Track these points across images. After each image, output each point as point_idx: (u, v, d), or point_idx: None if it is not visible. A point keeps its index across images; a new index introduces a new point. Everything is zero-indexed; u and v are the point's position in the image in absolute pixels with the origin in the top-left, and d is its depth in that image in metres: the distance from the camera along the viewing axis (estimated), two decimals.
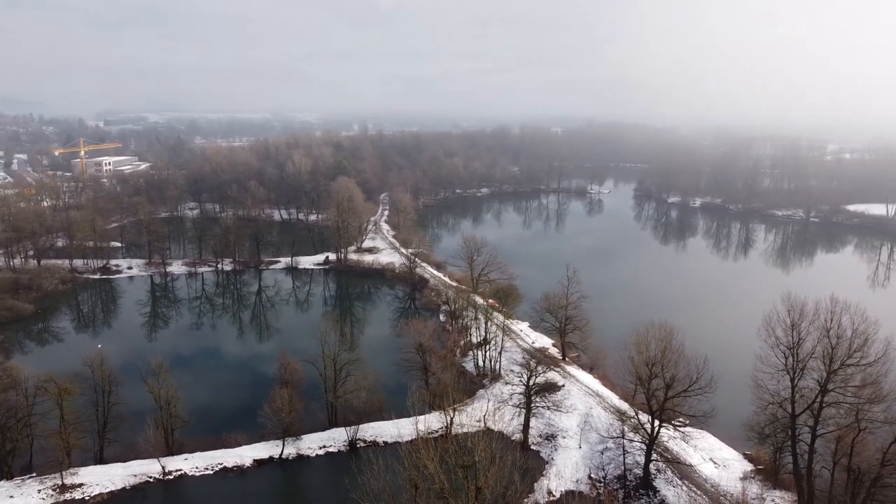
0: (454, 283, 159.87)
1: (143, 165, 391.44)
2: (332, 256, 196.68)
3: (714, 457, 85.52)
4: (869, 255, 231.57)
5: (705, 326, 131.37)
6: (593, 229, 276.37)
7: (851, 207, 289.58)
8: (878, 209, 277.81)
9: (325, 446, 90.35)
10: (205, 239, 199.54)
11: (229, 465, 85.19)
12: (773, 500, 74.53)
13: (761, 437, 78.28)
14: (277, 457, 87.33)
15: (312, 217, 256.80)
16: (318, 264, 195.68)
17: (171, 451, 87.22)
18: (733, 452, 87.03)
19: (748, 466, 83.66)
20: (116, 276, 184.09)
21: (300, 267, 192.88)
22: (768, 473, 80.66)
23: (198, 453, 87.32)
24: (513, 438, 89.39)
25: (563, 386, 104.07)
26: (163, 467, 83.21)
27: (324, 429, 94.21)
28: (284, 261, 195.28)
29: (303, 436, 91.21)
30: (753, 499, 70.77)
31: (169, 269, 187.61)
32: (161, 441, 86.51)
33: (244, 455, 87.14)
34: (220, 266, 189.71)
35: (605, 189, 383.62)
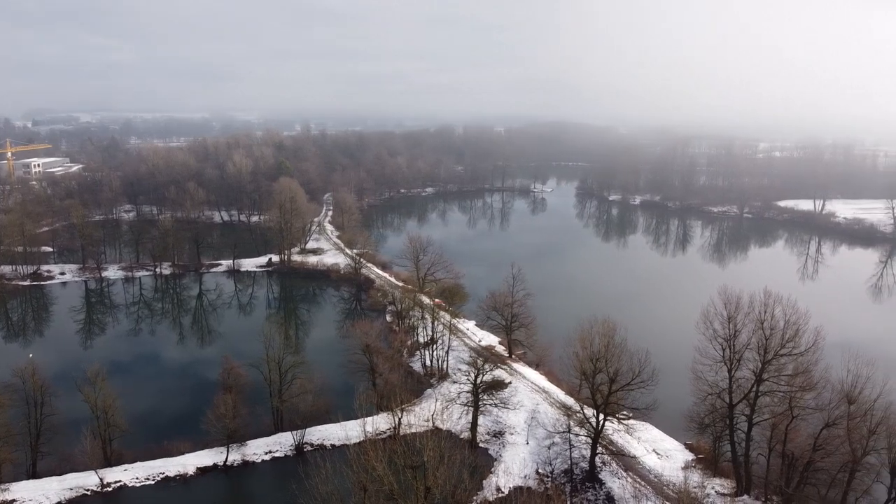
0: (400, 283, 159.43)
1: (76, 167, 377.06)
2: (276, 258, 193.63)
3: (657, 448, 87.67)
4: (799, 249, 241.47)
5: (647, 321, 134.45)
6: (537, 227, 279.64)
7: (782, 203, 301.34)
8: (806, 205, 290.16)
9: (270, 451, 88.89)
10: (142, 242, 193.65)
11: (171, 474, 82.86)
12: (713, 488, 76.82)
13: (701, 427, 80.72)
14: (222, 464, 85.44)
15: (254, 218, 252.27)
16: (261, 266, 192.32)
17: (110, 461, 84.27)
18: (675, 443, 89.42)
19: (689, 456, 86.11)
20: (48, 282, 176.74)
21: (242, 269, 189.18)
22: (708, 462, 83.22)
23: (138, 463, 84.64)
24: (461, 437, 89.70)
25: (510, 383, 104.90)
26: (101, 479, 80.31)
27: (269, 433, 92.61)
28: (226, 263, 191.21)
29: (248, 441, 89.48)
30: (695, 487, 72.80)
31: (104, 274, 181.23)
32: (98, 452, 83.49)
33: (187, 463, 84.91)
34: (158, 270, 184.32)
35: (548, 188, 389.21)
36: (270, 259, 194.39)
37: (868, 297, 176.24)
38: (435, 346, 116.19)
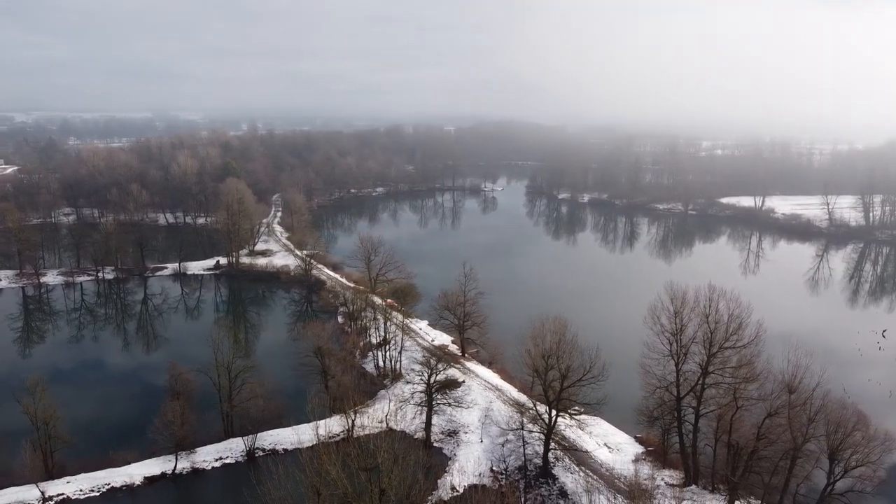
0: (352, 284, 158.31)
1: (10, 169, 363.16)
2: (223, 261, 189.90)
3: (608, 441, 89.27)
4: (741, 244, 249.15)
5: (597, 317, 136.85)
6: (488, 226, 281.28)
7: (724, 200, 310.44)
8: (747, 201, 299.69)
9: (221, 458, 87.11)
10: (83, 246, 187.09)
11: (117, 484, 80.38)
12: (662, 479, 78.63)
13: (650, 420, 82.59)
14: (170, 472, 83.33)
15: (201, 220, 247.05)
16: (209, 269, 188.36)
17: (52, 474, 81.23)
18: (626, 436, 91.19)
19: (639, 448, 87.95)
20: None
21: (189, 273, 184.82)
22: (658, 454, 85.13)
23: (82, 475, 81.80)
24: (415, 437, 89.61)
25: (464, 382, 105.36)
26: (42, 493, 77.37)
27: (219, 440, 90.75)
28: (172, 267, 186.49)
29: (197, 448, 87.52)
30: (645, 479, 74.25)
31: (43, 279, 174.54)
32: (39, 464, 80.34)
33: (134, 473, 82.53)
34: (100, 275, 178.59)
35: (499, 187, 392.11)
36: (218, 261, 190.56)
37: (806, 289, 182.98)
38: (388, 347, 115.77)
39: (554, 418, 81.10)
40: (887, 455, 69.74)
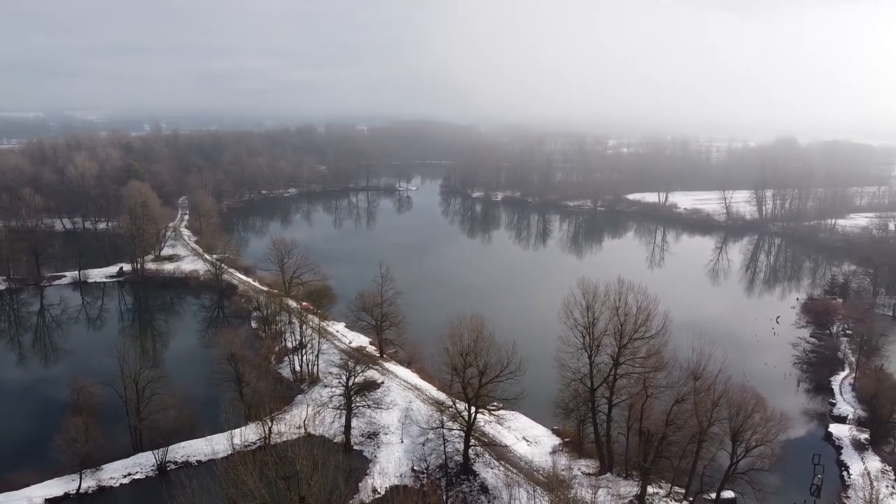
0: (265, 288, 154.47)
1: None
2: (128, 267, 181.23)
3: (526, 435, 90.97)
4: (647, 239, 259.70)
5: (513, 313, 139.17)
6: (404, 226, 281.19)
7: (631, 196, 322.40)
8: (652, 197, 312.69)
9: (130, 474, 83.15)
10: None
11: None
12: (579, 469, 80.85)
13: (566, 412, 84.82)
14: (74, 492, 78.81)
15: (102, 225, 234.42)
16: (112, 276, 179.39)
17: None
18: (543, 429, 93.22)
19: (556, 440, 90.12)
20: None
21: (90, 281, 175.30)
22: (574, 444, 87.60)
23: None
24: (335, 441, 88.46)
25: (383, 383, 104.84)
26: None
27: (128, 455, 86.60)
28: (71, 275, 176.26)
29: (103, 465, 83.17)
30: (562, 470, 76.05)
31: None
32: None
33: (33, 495, 77.46)
34: None
35: (413, 186, 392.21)
36: (122, 268, 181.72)
37: (707, 280, 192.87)
38: (304, 351, 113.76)
39: (473, 415, 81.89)
40: (783, 434, 74.31)
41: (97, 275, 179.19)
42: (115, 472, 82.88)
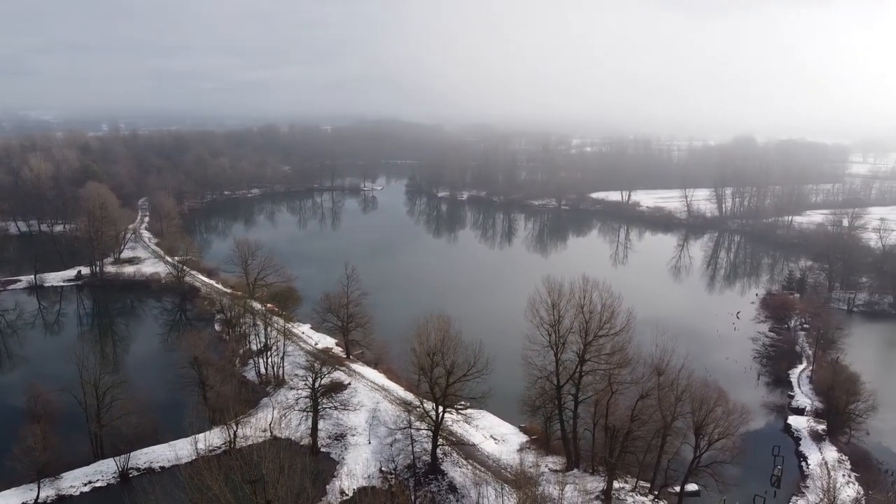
0: (229, 290, 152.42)
1: None
2: (86, 270, 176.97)
3: (494, 433, 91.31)
4: (610, 237, 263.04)
5: (480, 312, 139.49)
6: (369, 226, 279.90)
7: (594, 195, 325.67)
8: (615, 196, 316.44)
9: (90, 482, 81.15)
10: None
11: None
12: (546, 466, 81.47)
13: (533, 410, 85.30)
14: (32, 502, 76.65)
15: (59, 228, 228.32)
16: (69, 280, 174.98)
17: None
18: (510, 427, 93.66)
19: (524, 438, 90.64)
20: None
21: (47, 285, 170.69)
22: (541, 442, 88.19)
23: None
24: (301, 444, 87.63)
25: (350, 384, 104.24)
26: None
27: (88, 463, 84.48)
28: (26, 279, 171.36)
29: (63, 474, 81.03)
30: (530, 467, 76.56)
31: None
32: None
33: None
34: None
35: (379, 186, 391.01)
36: (80, 272, 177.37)
37: (669, 277, 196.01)
38: (269, 353, 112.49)
39: (441, 414, 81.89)
40: (743, 426, 75.92)
41: (54, 278, 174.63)
42: (75, 481, 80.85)
